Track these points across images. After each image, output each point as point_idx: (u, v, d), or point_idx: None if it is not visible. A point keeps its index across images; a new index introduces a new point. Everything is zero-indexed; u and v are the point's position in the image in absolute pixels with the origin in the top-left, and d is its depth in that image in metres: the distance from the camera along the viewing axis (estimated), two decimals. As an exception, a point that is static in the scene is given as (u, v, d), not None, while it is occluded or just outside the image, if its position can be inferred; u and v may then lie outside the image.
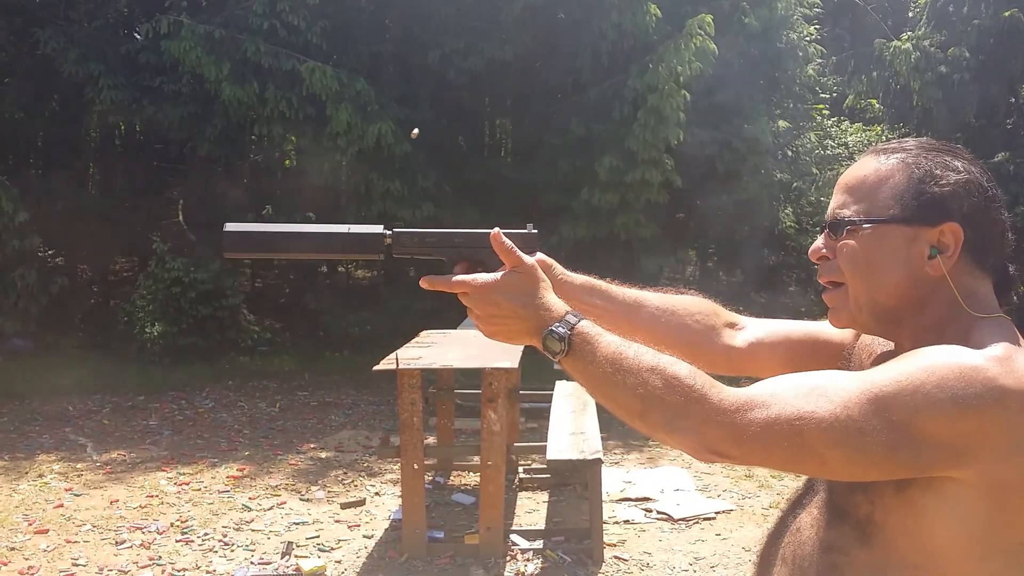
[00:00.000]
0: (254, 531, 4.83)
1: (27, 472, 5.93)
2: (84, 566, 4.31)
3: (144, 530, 4.81)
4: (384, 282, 10.90)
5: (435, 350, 4.95)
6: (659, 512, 5.13)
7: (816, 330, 1.31)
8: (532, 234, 1.22)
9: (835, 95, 14.72)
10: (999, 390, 0.91)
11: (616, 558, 4.42)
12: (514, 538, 4.60)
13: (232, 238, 1.21)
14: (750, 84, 11.31)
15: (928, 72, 12.40)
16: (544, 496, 5.49)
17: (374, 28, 10.64)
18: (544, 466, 5.36)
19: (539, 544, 4.55)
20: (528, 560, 4.37)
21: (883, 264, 1.05)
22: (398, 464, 4.75)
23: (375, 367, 4.45)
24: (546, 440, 4.79)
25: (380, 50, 10.30)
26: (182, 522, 4.94)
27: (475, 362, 4.47)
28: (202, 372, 9.43)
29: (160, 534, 4.76)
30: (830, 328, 1.25)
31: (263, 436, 7.08)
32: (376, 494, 5.54)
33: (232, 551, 4.53)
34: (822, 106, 14.24)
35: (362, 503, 5.32)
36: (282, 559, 4.38)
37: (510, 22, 9.82)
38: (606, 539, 4.56)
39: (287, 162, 12.89)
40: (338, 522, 5.00)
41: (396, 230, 1.21)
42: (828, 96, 14.47)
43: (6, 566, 4.29)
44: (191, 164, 11.69)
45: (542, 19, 10.30)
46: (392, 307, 10.01)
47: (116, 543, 4.62)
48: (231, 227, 1.21)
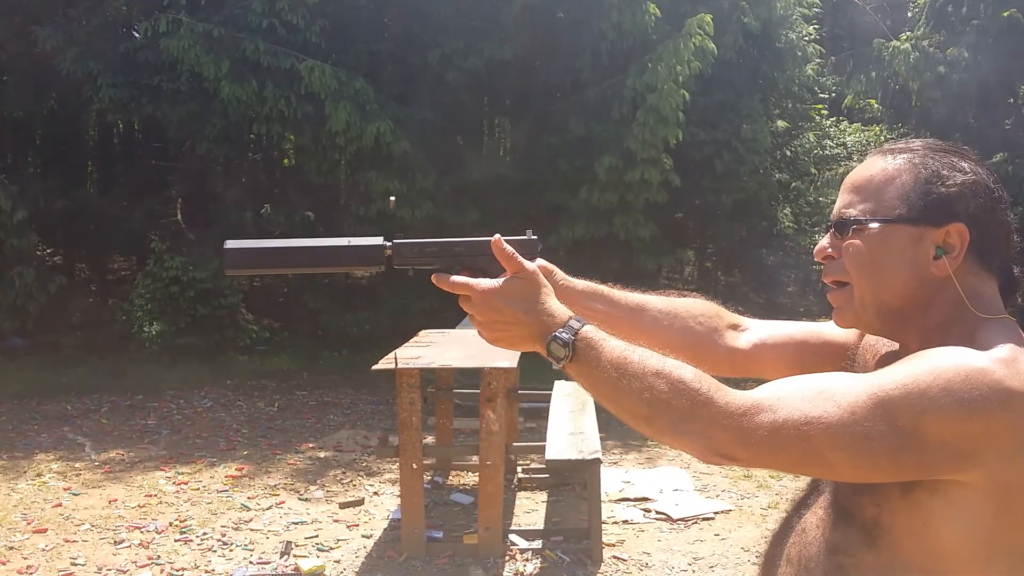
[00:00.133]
0: (253, 531, 4.83)
1: (25, 471, 5.92)
2: (83, 565, 4.31)
3: (143, 529, 4.80)
4: (383, 282, 10.88)
5: (434, 349, 4.95)
6: (658, 512, 5.13)
7: (819, 331, 1.31)
8: (532, 240, 1.21)
9: (834, 95, 14.73)
10: (1005, 392, 0.91)
11: (615, 558, 4.42)
12: (513, 538, 4.60)
13: (232, 256, 1.20)
14: (749, 84, 11.32)
15: (927, 72, 12.40)
16: (543, 496, 5.49)
17: (373, 27, 10.63)
18: (543, 466, 5.36)
19: (538, 544, 4.54)
20: (527, 560, 4.37)
21: (888, 264, 1.05)
22: (397, 464, 4.74)
23: (374, 367, 4.45)
24: (545, 440, 4.79)
25: (379, 49, 10.29)
26: (181, 521, 4.94)
27: (474, 362, 4.46)
28: (200, 371, 9.42)
29: (159, 533, 4.75)
30: (833, 329, 1.25)
31: (262, 436, 7.07)
32: (375, 494, 5.53)
33: (231, 551, 4.52)
34: (821, 106, 14.25)
35: (361, 503, 5.32)
36: (281, 559, 4.38)
37: (509, 22, 9.82)
38: (605, 539, 4.55)
39: (286, 161, 12.88)
40: (337, 522, 4.99)
41: (396, 241, 1.20)
42: (827, 96, 14.48)
43: (4, 565, 4.28)
44: (190, 163, 11.66)
45: (541, 19, 10.30)
46: (391, 306, 10.01)
47: (115, 542, 4.61)
48: (231, 244, 1.20)
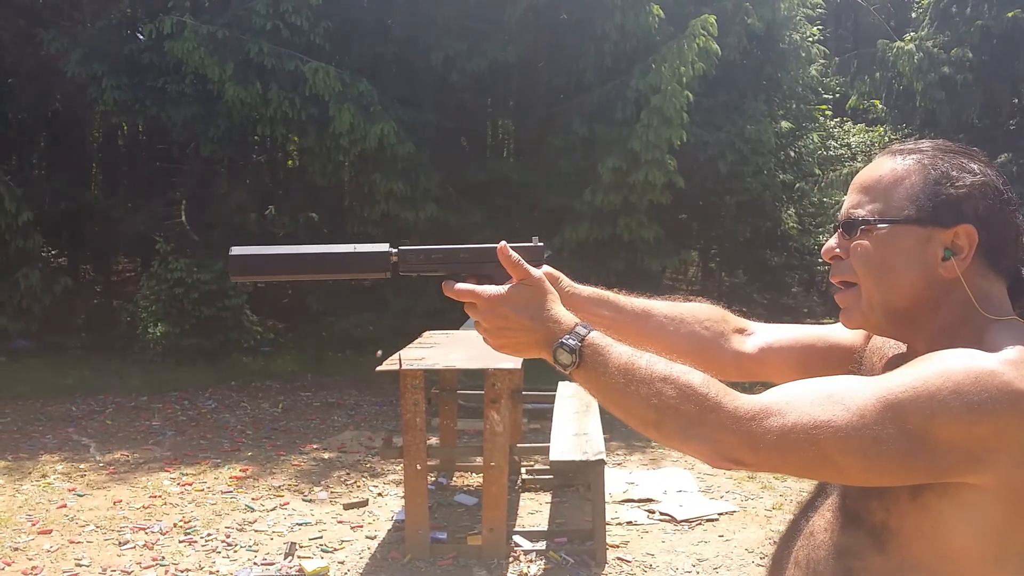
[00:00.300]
0: (257, 532, 4.83)
1: (30, 472, 5.93)
2: (87, 566, 4.31)
3: (147, 531, 4.81)
4: (387, 283, 10.88)
5: (438, 351, 4.95)
6: (662, 513, 5.12)
7: (826, 334, 1.30)
8: (538, 247, 1.21)
9: (838, 96, 14.73)
10: (1015, 394, 0.90)
11: (619, 559, 4.42)
12: (517, 539, 4.59)
13: (237, 262, 1.19)
14: (753, 85, 11.31)
15: (931, 73, 12.40)
16: (547, 497, 5.48)
17: (377, 29, 10.65)
18: (547, 467, 5.35)
19: (542, 545, 4.54)
20: (531, 561, 4.37)
21: (897, 265, 1.04)
22: (401, 465, 4.74)
23: (378, 368, 4.45)
24: (549, 441, 4.79)
25: (383, 51, 10.31)
26: (185, 523, 4.94)
27: (478, 363, 4.46)
28: (205, 373, 9.44)
29: (163, 535, 4.76)
30: (840, 331, 1.25)
31: (266, 437, 7.08)
32: (379, 495, 5.53)
33: (235, 552, 4.53)
34: (825, 107, 14.24)
35: (365, 504, 5.32)
36: (285, 560, 4.38)
37: (513, 23, 9.82)
38: (609, 540, 4.55)
39: (290, 162, 12.90)
40: (341, 523, 4.99)
41: (402, 248, 1.20)
42: (831, 97, 14.47)
43: (10, 566, 4.29)
44: (194, 165, 11.69)
45: (545, 20, 10.30)
46: (395, 308, 10.01)
47: (119, 544, 4.62)
48: (236, 251, 1.19)
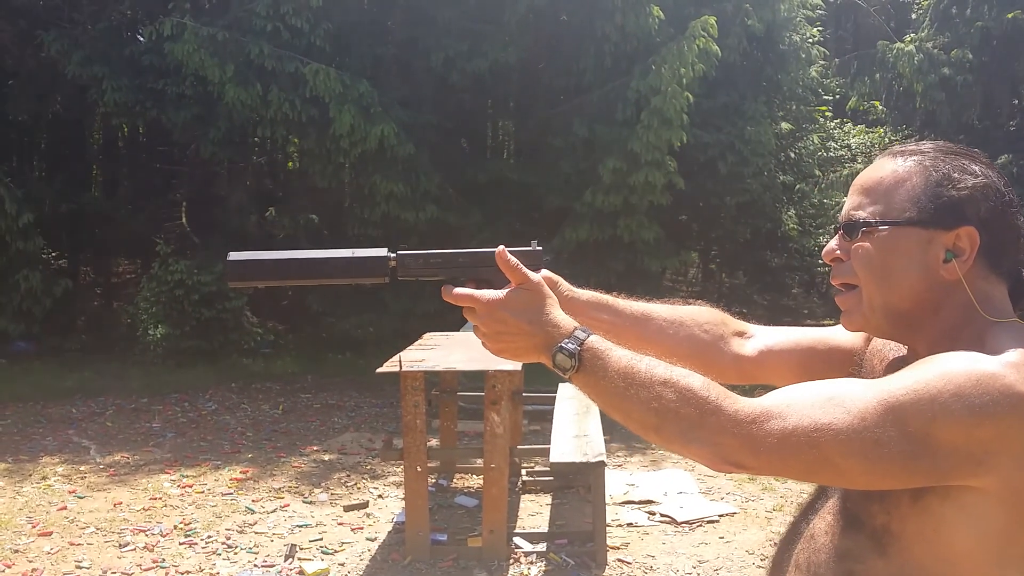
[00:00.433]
0: (257, 534, 4.83)
1: (31, 474, 5.93)
2: (88, 568, 4.31)
3: (147, 532, 4.81)
4: (387, 285, 10.89)
5: (438, 352, 4.95)
6: (662, 515, 5.12)
7: (826, 336, 1.30)
8: (537, 251, 1.21)
9: (838, 97, 14.73)
10: (1016, 396, 0.90)
11: (619, 561, 4.41)
12: (517, 541, 4.59)
13: (235, 268, 1.19)
14: (753, 86, 11.31)
15: (931, 74, 12.40)
16: (547, 499, 5.48)
17: (377, 30, 10.65)
18: (547, 469, 5.35)
19: (542, 547, 4.54)
20: (531, 563, 4.36)
21: (898, 267, 1.04)
22: (401, 466, 4.74)
23: (378, 369, 4.45)
24: (549, 443, 4.79)
25: (383, 52, 10.31)
26: (185, 524, 4.94)
27: (478, 364, 4.46)
28: (205, 374, 9.44)
29: (163, 536, 4.75)
30: (840, 334, 1.24)
31: (266, 438, 7.07)
32: (379, 496, 5.53)
33: (235, 554, 4.52)
34: (825, 108, 14.24)
35: (365, 505, 5.31)
36: (285, 562, 4.38)
37: (513, 25, 9.83)
38: (609, 542, 4.54)
39: (290, 164, 12.90)
40: (341, 525, 4.99)
41: (400, 253, 1.20)
42: (831, 98, 14.47)
43: (10, 568, 4.28)
44: (194, 166, 11.70)
45: (545, 22, 10.31)
46: (395, 309, 10.01)
47: (120, 545, 4.61)
48: (234, 256, 1.19)
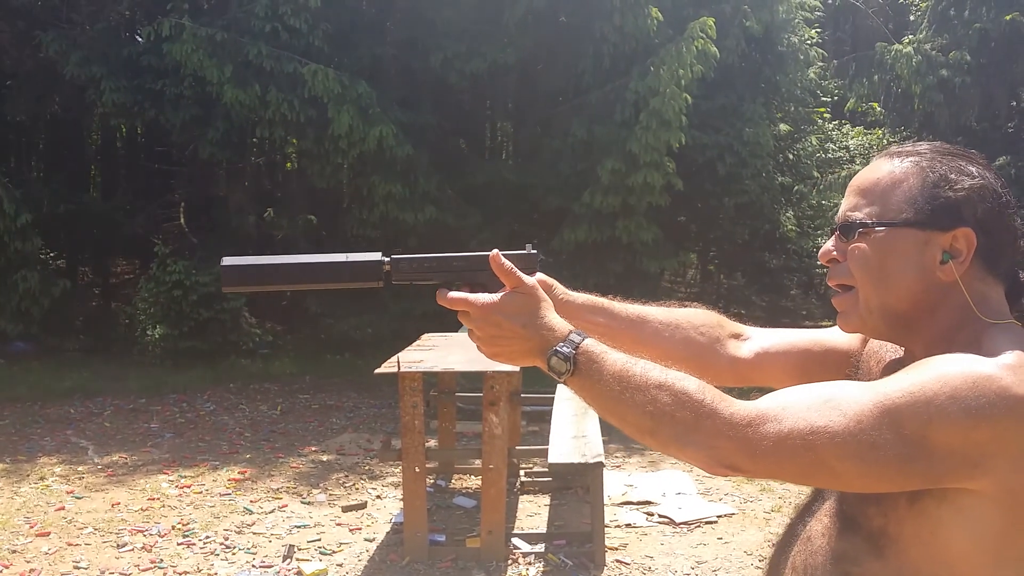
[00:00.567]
0: (255, 534, 4.82)
1: (28, 475, 5.92)
2: (85, 569, 4.30)
3: (145, 533, 4.80)
4: (385, 285, 10.90)
5: (436, 353, 4.95)
6: (661, 516, 5.12)
7: (822, 338, 1.29)
8: (532, 255, 1.21)
9: (836, 98, 14.74)
10: (1012, 399, 0.90)
11: (618, 562, 4.41)
12: (515, 542, 4.59)
13: (229, 273, 1.19)
14: (751, 87, 11.33)
15: (929, 76, 12.41)
16: (545, 500, 5.48)
17: (376, 31, 10.66)
18: (546, 469, 5.35)
19: (540, 548, 4.54)
20: (530, 564, 4.36)
21: (894, 268, 1.04)
22: (399, 467, 4.74)
23: (376, 370, 4.45)
24: (548, 443, 4.78)
25: (382, 53, 10.31)
26: (183, 525, 4.93)
27: (477, 365, 4.45)
28: (203, 375, 9.43)
29: (161, 537, 4.75)
30: (837, 336, 1.24)
31: (264, 439, 7.07)
32: (377, 497, 5.53)
33: (233, 554, 4.52)
34: (823, 109, 14.26)
35: (363, 506, 5.31)
36: (283, 562, 4.37)
37: (512, 26, 9.84)
38: (608, 543, 4.54)
39: (289, 165, 12.90)
40: (339, 525, 4.99)
41: (394, 257, 1.20)
42: (829, 99, 14.50)
43: (7, 569, 4.28)
44: (193, 167, 11.70)
45: (544, 23, 10.32)
46: (393, 310, 10.01)
47: (117, 546, 4.61)
48: (228, 262, 1.19)
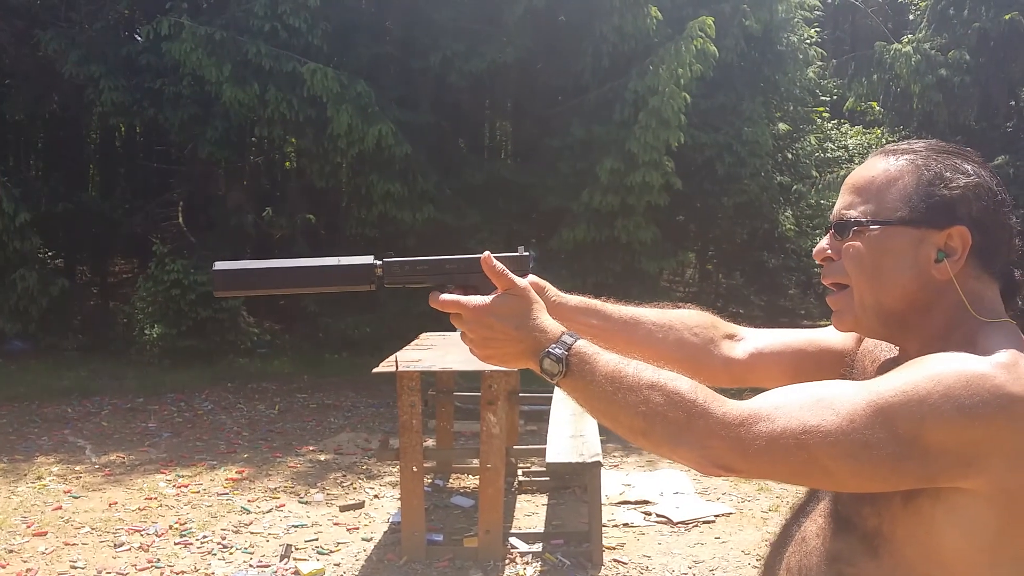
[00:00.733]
0: (253, 534, 4.82)
1: (26, 474, 5.91)
2: (83, 568, 4.30)
3: (143, 532, 4.79)
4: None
5: (434, 352, 4.94)
6: (658, 515, 5.12)
7: (817, 338, 1.29)
8: (524, 257, 1.21)
9: (835, 98, 14.74)
10: (1006, 397, 0.89)
11: (615, 561, 4.41)
12: (513, 541, 4.59)
13: (221, 278, 1.18)
14: (750, 87, 11.32)
15: (928, 75, 12.41)
16: (543, 499, 5.48)
17: (375, 30, 10.65)
18: (543, 469, 5.34)
19: (538, 547, 4.53)
20: (527, 563, 4.36)
21: (889, 266, 1.03)
22: (397, 467, 4.73)
23: (374, 369, 4.44)
24: (545, 443, 4.78)
25: (381, 52, 10.31)
26: (181, 525, 4.93)
27: (475, 365, 4.39)
28: (201, 374, 9.42)
29: (159, 536, 4.74)
30: (831, 335, 1.24)
31: (262, 438, 7.06)
32: (375, 497, 5.52)
33: (231, 554, 4.51)
34: (822, 109, 14.26)
35: (361, 506, 5.31)
36: (281, 562, 4.37)
37: (511, 25, 9.84)
38: (605, 542, 4.54)
39: (287, 164, 12.90)
40: (337, 525, 4.98)
41: (387, 260, 1.20)
42: (828, 99, 14.49)
43: (4, 568, 4.27)
44: (191, 166, 11.69)
45: (543, 22, 10.32)
46: (391, 309, 10.01)
47: (115, 545, 4.60)
48: (220, 266, 1.19)
